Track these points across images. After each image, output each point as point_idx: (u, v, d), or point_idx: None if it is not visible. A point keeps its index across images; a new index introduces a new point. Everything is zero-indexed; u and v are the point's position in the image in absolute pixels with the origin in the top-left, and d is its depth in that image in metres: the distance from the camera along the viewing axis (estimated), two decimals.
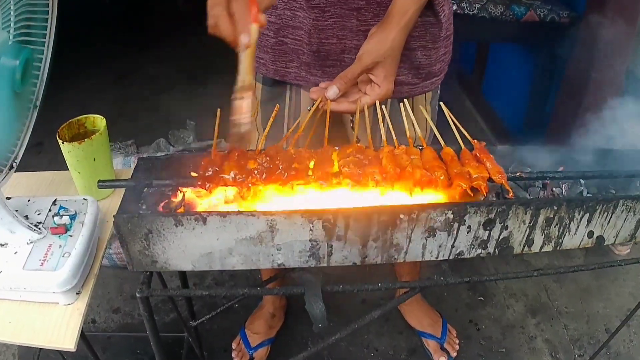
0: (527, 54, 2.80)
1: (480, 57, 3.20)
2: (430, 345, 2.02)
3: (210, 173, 0.94)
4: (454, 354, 2.00)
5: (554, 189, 1.20)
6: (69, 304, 1.07)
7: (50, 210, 1.16)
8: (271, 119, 1.08)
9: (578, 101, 2.14)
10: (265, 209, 0.93)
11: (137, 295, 0.98)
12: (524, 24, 2.37)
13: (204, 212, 0.89)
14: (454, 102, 1.19)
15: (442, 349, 2.01)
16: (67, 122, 1.31)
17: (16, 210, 1.09)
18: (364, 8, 1.21)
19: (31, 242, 1.09)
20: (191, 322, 1.41)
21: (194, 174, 1.02)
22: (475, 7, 2.32)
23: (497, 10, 2.34)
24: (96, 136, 1.27)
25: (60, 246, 1.08)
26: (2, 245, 1.08)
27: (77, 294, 1.08)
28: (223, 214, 0.88)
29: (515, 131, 2.82)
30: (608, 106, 2.13)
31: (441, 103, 1.21)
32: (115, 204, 1.35)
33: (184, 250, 0.93)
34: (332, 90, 1.10)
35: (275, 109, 1.12)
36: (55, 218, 1.13)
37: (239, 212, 0.88)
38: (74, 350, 1.03)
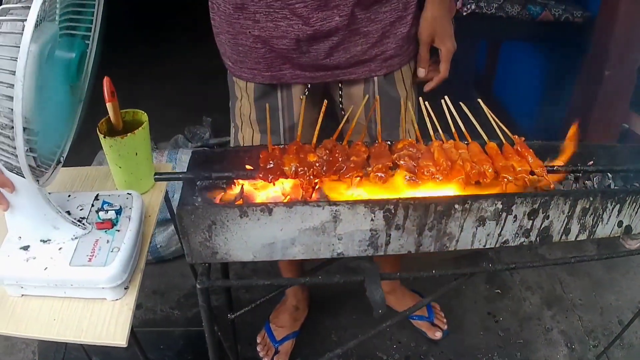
0: (540, 52, 2.84)
1: (492, 55, 3.24)
2: (422, 325, 2.09)
3: (271, 166, 0.98)
4: (445, 327, 2.09)
5: (585, 181, 1.25)
6: (117, 299, 1.07)
7: (93, 205, 1.16)
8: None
9: (592, 99, 2.19)
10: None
11: (198, 286, 1.01)
12: (540, 23, 2.42)
13: (270, 203, 0.92)
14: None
15: (434, 325, 2.08)
16: (106, 117, 1.31)
17: (58, 206, 1.08)
18: (342, 4, 1.24)
19: (76, 238, 1.08)
20: (229, 315, 1.44)
21: (249, 167, 1.05)
22: (493, 7, 2.37)
23: (513, 9, 2.39)
24: (139, 131, 1.29)
25: (107, 241, 1.08)
26: (44, 241, 1.07)
27: (125, 289, 1.08)
28: (289, 205, 0.91)
29: (527, 128, 2.87)
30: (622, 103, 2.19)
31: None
32: (156, 199, 1.37)
33: (246, 241, 0.96)
34: (421, 72, 1.44)
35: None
36: (101, 213, 1.13)
37: (305, 203, 0.91)
38: (125, 345, 1.03)
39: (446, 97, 1.23)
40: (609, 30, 2.06)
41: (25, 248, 1.06)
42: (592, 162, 1.25)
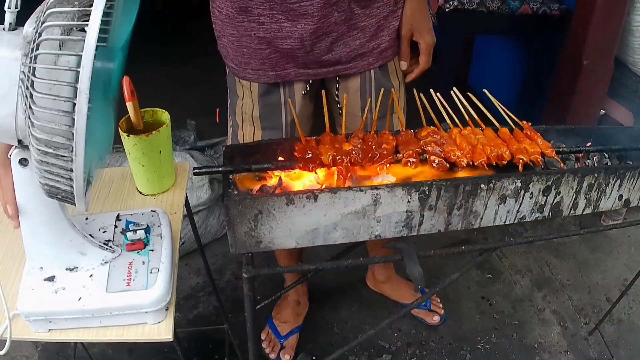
0: (517, 45, 2.95)
1: (466, 49, 3.34)
2: (420, 312, 2.17)
3: (309, 155, 1.03)
4: (442, 312, 2.17)
5: (586, 161, 1.34)
6: (159, 322, 1.01)
7: (116, 226, 1.09)
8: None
9: (572, 87, 2.29)
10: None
11: (244, 275, 1.05)
12: (519, 16, 2.54)
13: (315, 189, 0.97)
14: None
15: (431, 311, 2.17)
16: (126, 116, 1.32)
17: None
18: (341, 0, 1.31)
19: (106, 263, 1.01)
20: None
21: (281, 159, 1.10)
22: (474, 3, 2.48)
23: (494, 4, 2.50)
24: (163, 129, 1.29)
25: (143, 262, 1.01)
26: (70, 269, 0.99)
27: (166, 310, 1.01)
28: (334, 190, 0.97)
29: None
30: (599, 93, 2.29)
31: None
32: (179, 196, 1.39)
33: (290, 229, 1.01)
34: (403, 65, 1.50)
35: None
36: (128, 234, 1.05)
37: (349, 188, 0.97)
38: (171, 340, 1.00)
39: (455, 89, 1.31)
40: (586, 22, 2.16)
41: (51, 279, 0.98)
42: (589, 143, 1.35)
